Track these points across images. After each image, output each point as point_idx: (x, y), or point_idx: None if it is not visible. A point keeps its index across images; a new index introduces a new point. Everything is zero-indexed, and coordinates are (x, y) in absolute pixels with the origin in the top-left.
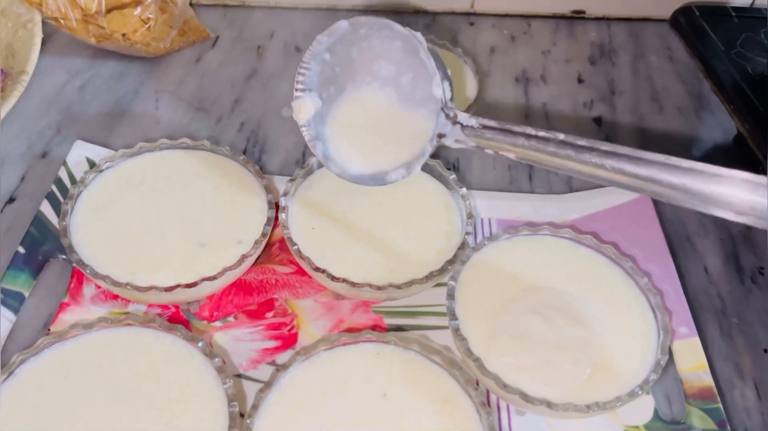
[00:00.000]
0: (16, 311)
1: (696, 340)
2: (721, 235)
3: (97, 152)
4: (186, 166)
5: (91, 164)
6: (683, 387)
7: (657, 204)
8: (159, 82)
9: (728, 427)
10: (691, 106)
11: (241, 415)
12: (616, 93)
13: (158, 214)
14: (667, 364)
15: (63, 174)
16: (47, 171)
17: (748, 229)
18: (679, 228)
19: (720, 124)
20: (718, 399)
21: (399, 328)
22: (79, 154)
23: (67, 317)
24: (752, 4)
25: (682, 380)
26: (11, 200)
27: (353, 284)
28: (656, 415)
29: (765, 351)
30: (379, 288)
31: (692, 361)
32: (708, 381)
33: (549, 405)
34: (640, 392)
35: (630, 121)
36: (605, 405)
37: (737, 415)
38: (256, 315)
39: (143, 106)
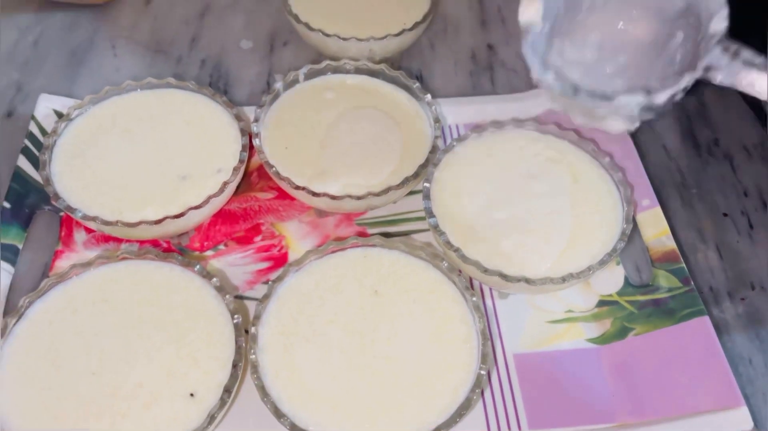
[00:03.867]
0: (13, 263)
1: (658, 210)
2: (677, 114)
3: (63, 103)
4: (155, 105)
5: (59, 115)
6: (649, 254)
7: None
8: (112, 29)
9: (692, 283)
10: None
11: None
12: None
13: (135, 153)
14: (634, 235)
15: (34, 128)
16: (16, 128)
17: (701, 105)
18: None
19: None
20: (681, 259)
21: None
22: (46, 106)
23: (63, 263)
24: None
25: (648, 247)
26: None
27: (333, 197)
28: (627, 282)
29: (724, 215)
30: (358, 197)
31: (655, 229)
32: (671, 244)
33: (527, 281)
34: (609, 259)
35: None
36: (579, 275)
37: (702, 275)
38: (244, 240)
39: (101, 54)
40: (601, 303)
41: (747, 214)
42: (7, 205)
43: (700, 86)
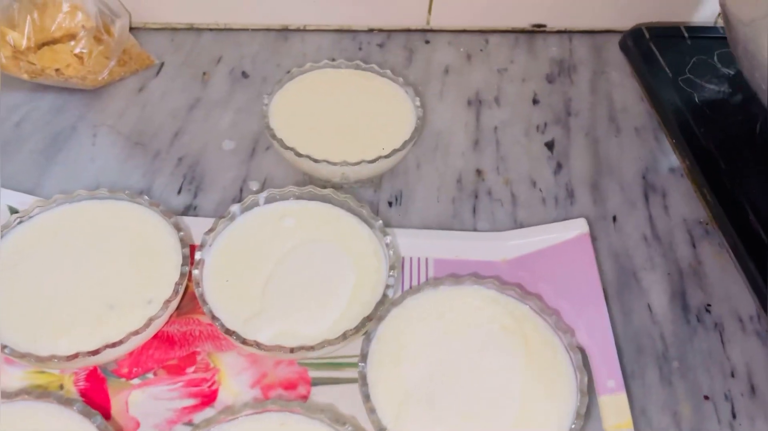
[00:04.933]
0: None
1: (623, 396)
2: (668, 270)
3: (21, 200)
4: (103, 218)
5: (14, 211)
6: None
7: (603, 236)
8: (99, 115)
9: None
10: (649, 126)
11: None
12: (572, 114)
13: (69, 273)
14: (594, 419)
15: None
16: None
17: (698, 263)
18: (626, 262)
19: None
20: None
21: (324, 381)
22: (3, 203)
23: None
24: (715, 22)
25: None
26: None
27: (262, 347)
28: None
29: (705, 397)
30: (291, 350)
31: (617, 418)
32: None
33: None
34: None
35: (584, 144)
36: None
37: None
38: (176, 370)
39: (80, 141)
40: None
41: (731, 400)
42: None
43: (697, 238)
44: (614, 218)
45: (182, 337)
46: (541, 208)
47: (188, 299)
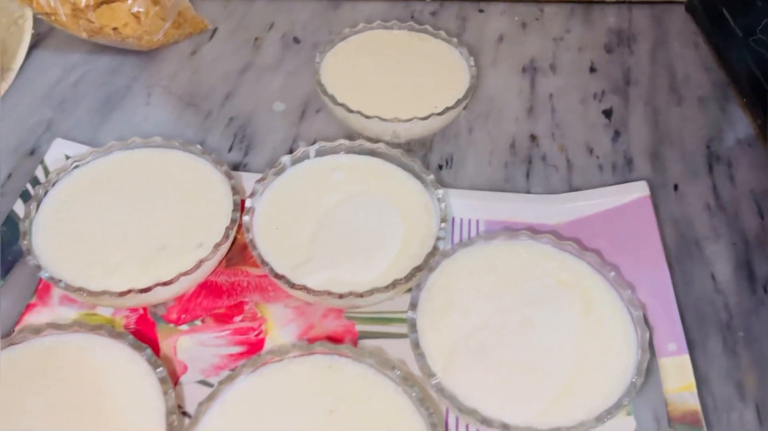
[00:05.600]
0: None
1: (685, 358)
2: (733, 239)
3: (77, 150)
4: (155, 166)
5: None
6: (667, 409)
7: (663, 203)
8: (152, 77)
9: None
10: (713, 96)
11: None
12: (631, 83)
13: (121, 215)
14: (654, 383)
15: (40, 172)
16: (33, 169)
17: (765, 232)
18: (687, 231)
19: (744, 117)
20: (703, 423)
21: (371, 335)
22: (59, 152)
23: (33, 318)
24: None
25: (667, 401)
26: None
27: (311, 291)
28: None
29: None
30: (340, 296)
31: (679, 381)
32: (694, 404)
33: (506, 427)
34: (608, 417)
35: (644, 112)
36: (569, 430)
37: None
38: (224, 319)
39: (134, 101)
40: None
41: None
42: None
43: (765, 209)
44: (675, 186)
45: (230, 287)
46: (598, 174)
47: (236, 251)
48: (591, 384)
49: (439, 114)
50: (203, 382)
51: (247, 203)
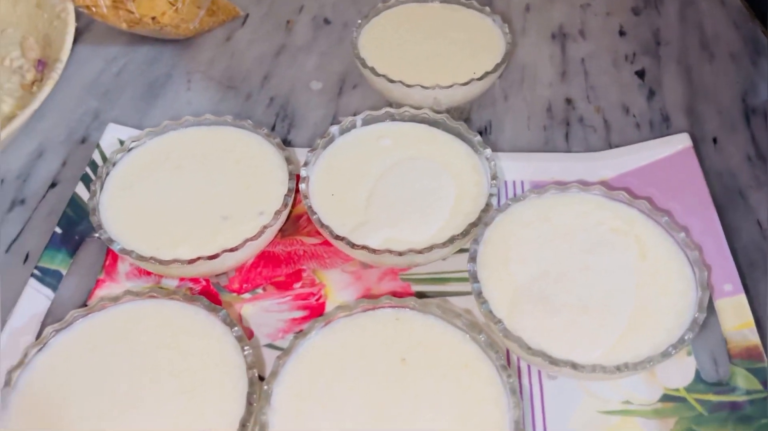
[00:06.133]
0: (54, 288)
1: (742, 297)
2: None
3: (129, 133)
4: (209, 142)
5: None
6: (727, 347)
7: (703, 157)
8: (190, 64)
9: None
10: (745, 52)
11: (261, 379)
12: (661, 43)
13: (182, 189)
14: (712, 324)
15: (97, 156)
16: (86, 155)
17: None
18: (730, 181)
19: None
20: (765, 357)
21: (426, 295)
22: (113, 136)
23: (103, 293)
24: None
25: (726, 339)
26: (53, 185)
27: (373, 251)
28: (698, 377)
29: None
30: (399, 254)
31: (737, 320)
32: (754, 339)
33: (575, 366)
34: (673, 351)
35: (677, 71)
36: (636, 366)
37: None
38: (284, 286)
39: (176, 87)
40: (666, 397)
41: None
42: (58, 230)
43: None
44: (714, 140)
45: (287, 257)
46: (636, 132)
47: (290, 223)
48: (653, 322)
49: (479, 79)
50: (270, 346)
51: (302, 172)
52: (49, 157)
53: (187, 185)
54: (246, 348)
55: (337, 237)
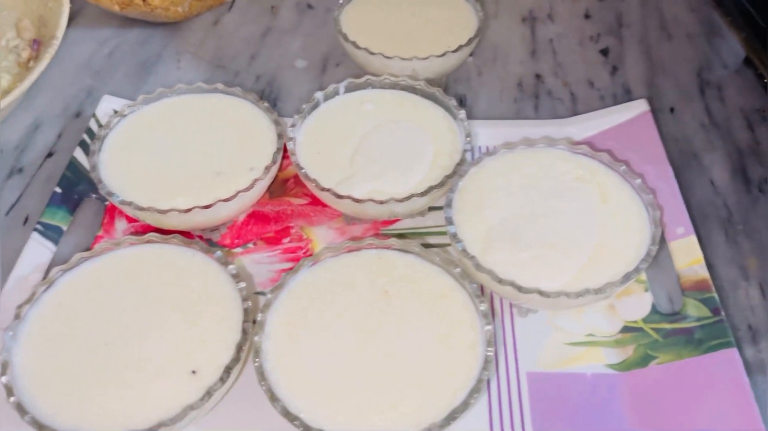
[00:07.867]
0: (55, 242)
1: (692, 238)
2: (728, 150)
3: (123, 104)
4: (201, 107)
5: None
6: (680, 282)
7: (661, 124)
8: (180, 45)
9: (722, 313)
10: (701, 32)
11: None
12: (624, 25)
13: (177, 149)
14: (665, 263)
15: (93, 124)
16: (81, 128)
17: (755, 143)
18: (685, 146)
19: (731, 48)
20: (713, 288)
21: None
22: (108, 106)
23: None
24: None
25: (679, 275)
26: (50, 154)
27: (356, 200)
28: (654, 309)
29: None
30: (380, 202)
31: (689, 258)
32: (703, 273)
33: (541, 293)
34: (630, 278)
35: (638, 49)
36: (597, 291)
37: (741, 313)
38: (273, 241)
39: (166, 66)
40: (626, 329)
41: None
42: (58, 190)
43: (755, 123)
44: (672, 109)
45: (276, 215)
46: (600, 103)
47: (279, 184)
48: (613, 255)
49: (454, 51)
50: (260, 293)
51: (289, 132)
52: (46, 130)
53: (182, 145)
54: (240, 283)
55: (323, 189)
